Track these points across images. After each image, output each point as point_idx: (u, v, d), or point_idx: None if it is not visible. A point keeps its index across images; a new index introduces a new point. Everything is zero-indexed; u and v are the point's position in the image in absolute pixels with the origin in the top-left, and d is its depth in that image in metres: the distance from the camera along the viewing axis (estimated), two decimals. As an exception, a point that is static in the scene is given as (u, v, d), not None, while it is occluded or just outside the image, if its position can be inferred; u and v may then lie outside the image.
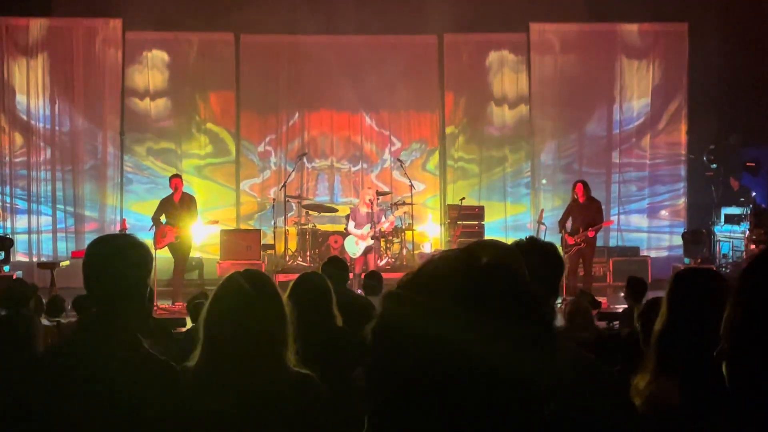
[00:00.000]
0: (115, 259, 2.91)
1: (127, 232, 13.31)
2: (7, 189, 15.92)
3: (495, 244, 2.52)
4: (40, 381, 2.83)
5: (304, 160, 16.25)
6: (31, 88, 15.85)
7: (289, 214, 15.40)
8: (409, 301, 1.27)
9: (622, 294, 9.63)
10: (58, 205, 16.03)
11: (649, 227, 16.56)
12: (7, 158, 15.92)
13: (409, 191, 15.07)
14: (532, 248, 2.65)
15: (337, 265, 7.08)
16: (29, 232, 15.91)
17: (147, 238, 12.60)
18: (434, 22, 15.62)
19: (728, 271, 14.52)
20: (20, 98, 15.88)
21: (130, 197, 16.10)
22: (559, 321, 6.53)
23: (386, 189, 16.07)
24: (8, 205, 15.92)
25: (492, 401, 1.24)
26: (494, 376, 1.23)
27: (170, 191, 13.18)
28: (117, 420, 2.73)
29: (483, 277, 1.30)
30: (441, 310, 1.24)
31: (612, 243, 16.12)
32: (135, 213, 15.57)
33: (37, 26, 15.81)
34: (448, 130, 16.63)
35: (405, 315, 1.26)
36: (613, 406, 2.35)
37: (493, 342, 1.22)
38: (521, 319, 1.27)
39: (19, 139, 15.95)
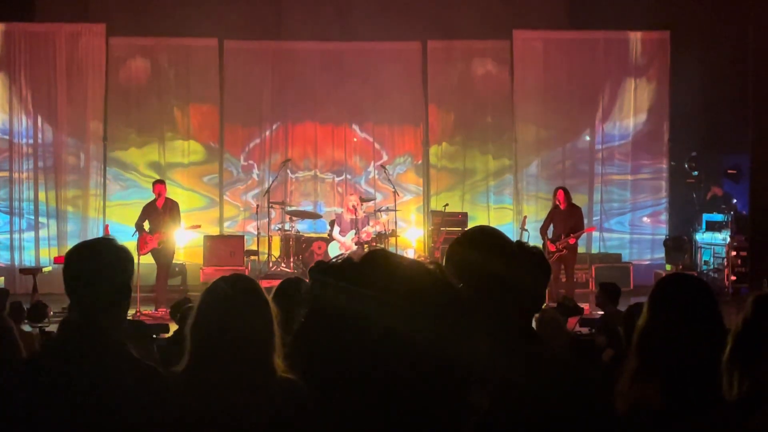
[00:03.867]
0: (94, 264, 2.91)
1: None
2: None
3: (490, 241, 2.52)
4: (25, 387, 2.81)
5: (288, 171, 16.23)
6: (14, 98, 15.71)
7: (273, 224, 15.20)
8: (344, 291, 1.30)
9: (596, 302, 9.58)
10: (41, 216, 15.82)
11: (631, 234, 16.60)
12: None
13: (393, 199, 15.08)
14: (520, 253, 2.65)
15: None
16: (11, 234, 15.77)
17: (130, 241, 12.61)
18: (418, 28, 15.67)
19: (712, 277, 14.63)
20: (2, 107, 15.72)
21: (112, 206, 16.01)
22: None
23: (370, 195, 16.07)
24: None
25: (417, 381, 1.27)
26: (421, 360, 1.27)
27: (153, 197, 13.14)
28: (103, 426, 2.73)
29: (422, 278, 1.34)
30: (379, 300, 1.28)
31: (594, 250, 16.17)
32: (117, 223, 15.23)
33: (15, 31, 15.69)
34: (432, 138, 16.62)
35: (341, 304, 1.30)
36: (590, 409, 2.36)
37: (421, 330, 1.26)
38: (450, 314, 1.32)
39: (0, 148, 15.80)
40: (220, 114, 16.35)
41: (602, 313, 9.01)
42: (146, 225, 12.97)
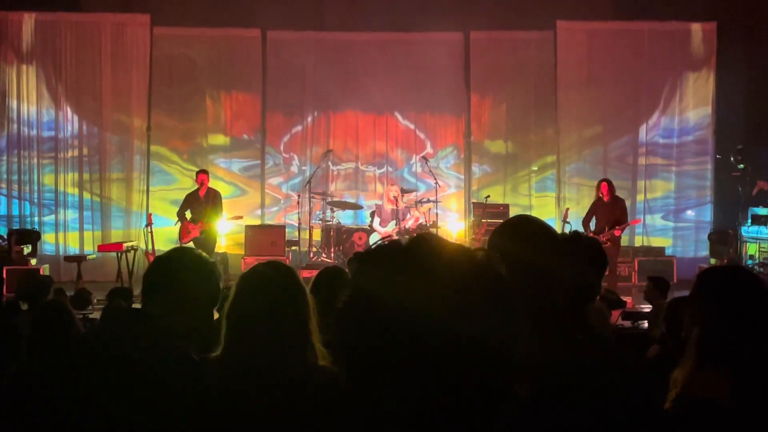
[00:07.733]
0: (191, 276, 2.99)
1: (153, 226, 13.37)
2: (35, 186, 15.95)
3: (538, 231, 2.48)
4: (74, 367, 2.83)
5: (329, 162, 16.23)
6: (59, 88, 15.85)
7: (314, 214, 15.22)
8: (386, 280, 1.29)
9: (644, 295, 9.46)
10: (85, 205, 15.99)
11: (675, 227, 16.42)
12: (35, 158, 15.93)
13: (435, 189, 15.04)
14: (576, 243, 2.62)
15: None
16: (56, 222, 15.93)
17: (172, 228, 12.67)
18: (461, 19, 15.60)
19: (758, 271, 14.42)
20: (48, 100, 15.88)
21: (155, 192, 16.13)
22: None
23: (411, 187, 16.03)
24: (35, 202, 15.95)
25: (459, 372, 1.26)
26: (465, 350, 1.25)
27: (196, 187, 13.23)
28: (137, 411, 2.71)
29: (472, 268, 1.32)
30: (418, 287, 1.26)
31: (637, 243, 16.01)
32: (157, 215, 15.23)
33: (61, 21, 15.84)
34: (474, 129, 16.54)
35: (380, 293, 1.29)
36: (637, 399, 2.33)
37: (463, 317, 1.24)
38: (495, 303, 1.30)
39: (46, 140, 15.95)
40: (262, 104, 16.39)
41: (651, 307, 8.94)
42: (188, 214, 13.06)
